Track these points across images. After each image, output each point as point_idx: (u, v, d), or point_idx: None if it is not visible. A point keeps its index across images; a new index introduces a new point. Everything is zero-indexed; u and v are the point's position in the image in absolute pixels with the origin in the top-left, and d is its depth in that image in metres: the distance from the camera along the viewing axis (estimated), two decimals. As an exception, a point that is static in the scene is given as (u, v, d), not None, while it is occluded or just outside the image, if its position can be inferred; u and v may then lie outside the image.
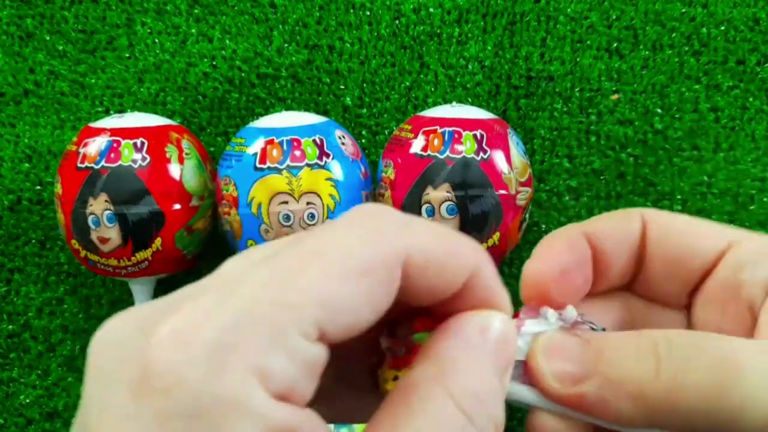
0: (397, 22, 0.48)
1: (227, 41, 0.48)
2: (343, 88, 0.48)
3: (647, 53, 0.47)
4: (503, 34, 0.47)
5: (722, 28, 0.46)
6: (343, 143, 0.42)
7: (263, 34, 0.48)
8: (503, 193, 0.40)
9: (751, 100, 0.46)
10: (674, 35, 0.46)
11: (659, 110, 0.47)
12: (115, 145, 0.41)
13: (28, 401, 0.49)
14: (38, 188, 0.49)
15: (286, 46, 0.48)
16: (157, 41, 0.49)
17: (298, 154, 0.40)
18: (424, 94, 0.48)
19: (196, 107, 0.49)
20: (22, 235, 0.49)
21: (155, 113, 0.45)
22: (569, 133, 0.47)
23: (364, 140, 0.48)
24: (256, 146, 0.40)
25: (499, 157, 0.40)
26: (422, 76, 0.48)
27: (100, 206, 0.40)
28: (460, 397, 0.16)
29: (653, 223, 0.21)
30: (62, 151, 0.47)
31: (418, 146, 0.41)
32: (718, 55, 0.46)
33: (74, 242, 0.42)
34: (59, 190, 0.42)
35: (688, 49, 0.46)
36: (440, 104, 0.46)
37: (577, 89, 0.47)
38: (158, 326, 0.14)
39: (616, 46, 0.47)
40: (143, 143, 0.41)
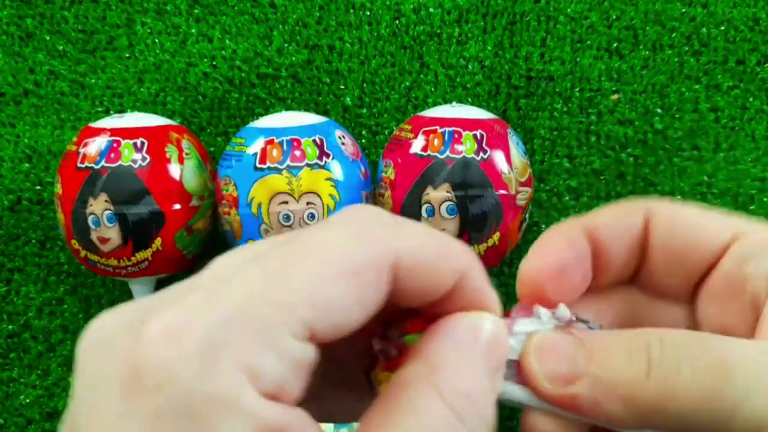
0: (397, 22, 0.48)
1: (227, 41, 0.48)
2: (343, 88, 0.48)
3: (647, 53, 0.47)
4: (503, 34, 0.47)
5: (722, 28, 0.46)
6: (343, 143, 0.42)
7: (263, 34, 0.48)
8: (503, 193, 0.40)
9: (751, 100, 0.46)
10: (674, 35, 0.46)
11: (659, 110, 0.47)
12: (115, 145, 0.41)
13: (28, 401, 0.49)
14: (38, 188, 0.49)
15: (286, 46, 0.48)
16: (157, 41, 0.49)
17: (298, 154, 0.40)
18: (424, 94, 0.48)
19: (196, 107, 0.49)
20: (22, 235, 0.49)
21: (155, 113, 0.45)
22: (569, 133, 0.47)
23: (364, 140, 0.48)
24: (256, 146, 0.40)
25: (499, 157, 0.40)
26: (422, 76, 0.48)
27: (100, 206, 0.40)
28: (450, 396, 0.16)
29: (658, 215, 0.21)
30: (62, 151, 0.47)
31: (418, 146, 0.41)
32: (718, 55, 0.46)
33: (74, 242, 0.42)
34: (59, 190, 0.42)
35: (688, 49, 0.46)
36: (440, 104, 0.46)
37: (577, 89, 0.47)
38: (148, 324, 0.14)
39: (616, 46, 0.47)
40: (143, 143, 0.41)
